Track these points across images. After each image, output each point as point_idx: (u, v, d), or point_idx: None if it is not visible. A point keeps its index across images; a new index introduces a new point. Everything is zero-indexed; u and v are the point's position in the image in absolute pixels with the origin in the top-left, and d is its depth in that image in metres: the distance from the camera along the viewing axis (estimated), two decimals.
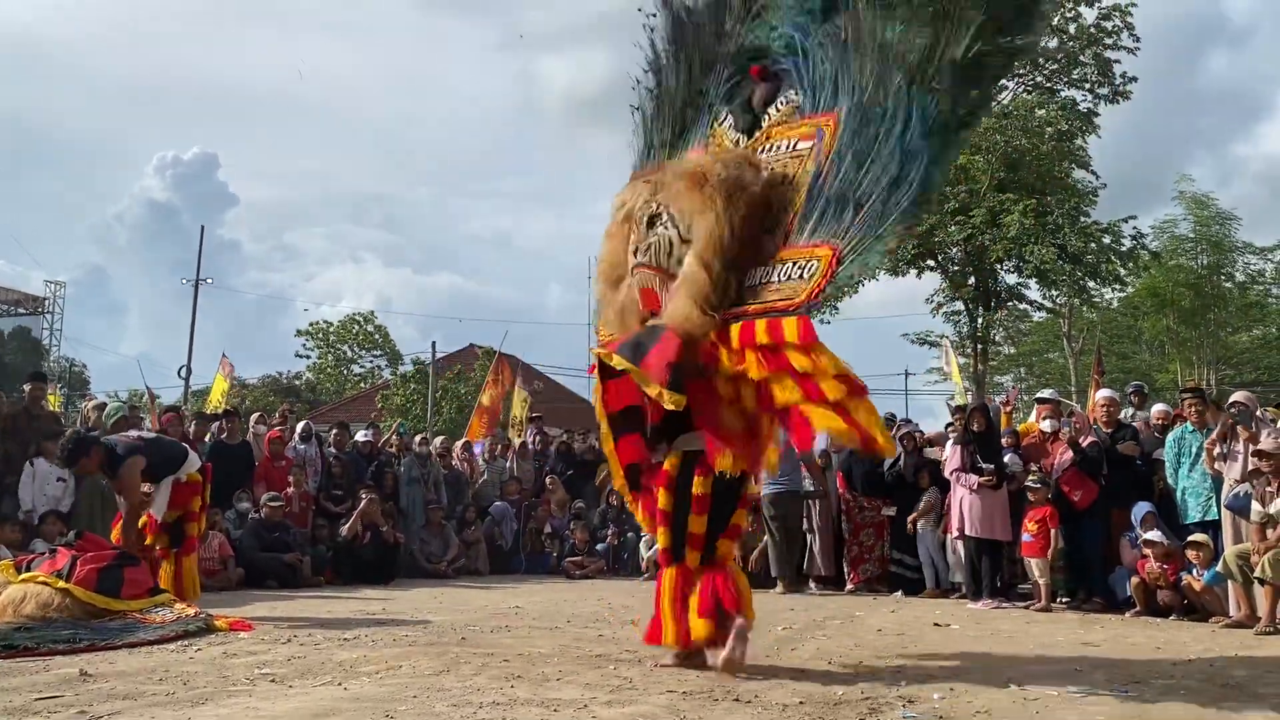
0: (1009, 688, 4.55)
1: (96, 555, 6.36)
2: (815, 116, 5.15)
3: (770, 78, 5.53)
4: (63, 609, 5.98)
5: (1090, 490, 8.68)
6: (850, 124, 4.89)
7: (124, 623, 5.98)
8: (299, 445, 11.56)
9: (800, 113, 5.28)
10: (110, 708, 3.85)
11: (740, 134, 5.55)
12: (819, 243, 4.70)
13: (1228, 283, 28.90)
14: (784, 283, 4.72)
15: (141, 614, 6.13)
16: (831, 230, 4.69)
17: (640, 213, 5.13)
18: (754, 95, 5.58)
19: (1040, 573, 8.59)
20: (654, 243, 5.01)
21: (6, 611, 5.92)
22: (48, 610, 5.93)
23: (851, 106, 4.93)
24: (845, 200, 4.72)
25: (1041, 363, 35.67)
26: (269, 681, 4.44)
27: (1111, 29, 20.77)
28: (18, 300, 41.61)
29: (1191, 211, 27.99)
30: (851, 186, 4.73)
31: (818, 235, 4.72)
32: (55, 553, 6.48)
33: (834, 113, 5.03)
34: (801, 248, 4.76)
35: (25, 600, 5.97)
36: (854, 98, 4.94)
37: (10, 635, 5.40)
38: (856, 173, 4.75)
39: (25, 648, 5.19)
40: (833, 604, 8.78)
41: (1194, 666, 5.33)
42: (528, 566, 12.28)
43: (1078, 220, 19.85)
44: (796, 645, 5.95)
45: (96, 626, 5.83)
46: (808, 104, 5.25)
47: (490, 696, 4.10)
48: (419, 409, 33.15)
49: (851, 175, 4.75)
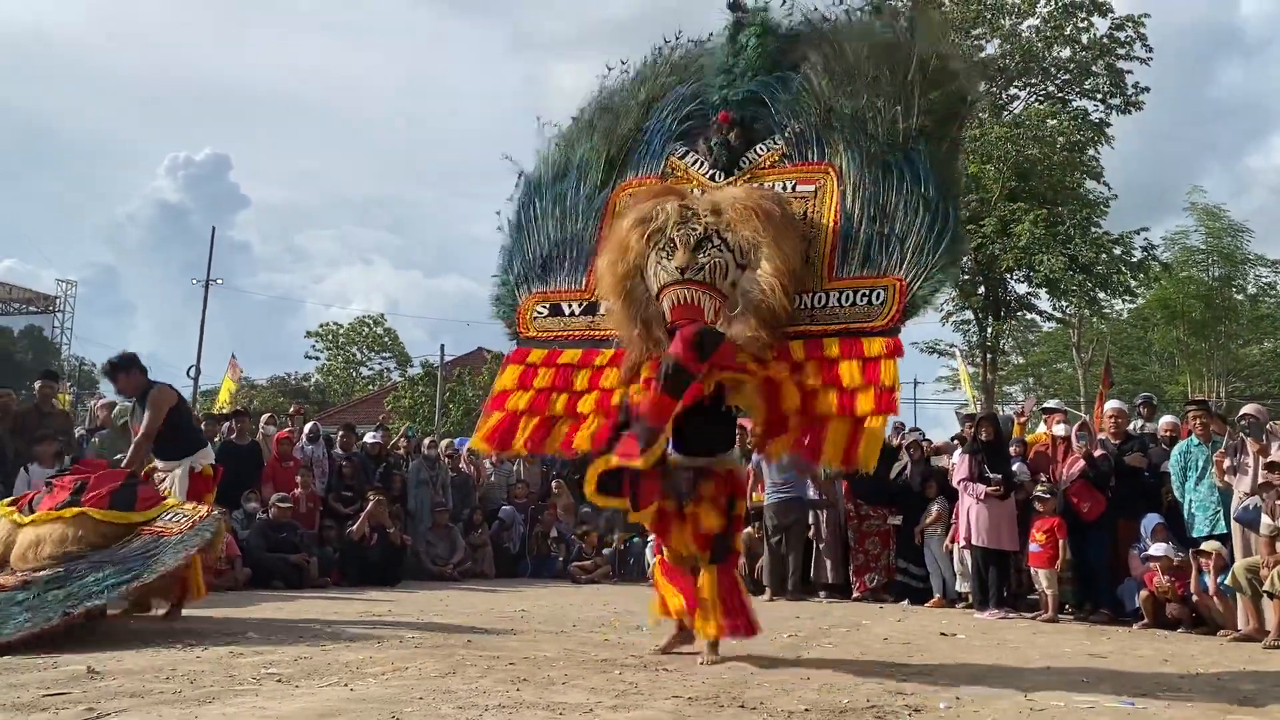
0: (1015, 698, 4.54)
1: (108, 475, 6.36)
2: (807, 165, 5.75)
3: (736, 124, 5.97)
4: (79, 540, 5.92)
5: (1099, 502, 8.66)
6: (857, 180, 5.51)
7: (144, 543, 5.95)
8: (307, 446, 11.58)
9: (788, 159, 5.84)
10: (117, 705, 3.87)
11: (718, 171, 5.96)
12: (878, 274, 5.30)
13: (1239, 295, 28.80)
14: (848, 307, 5.33)
15: (160, 524, 6.12)
16: (884, 264, 5.31)
17: (678, 231, 5.40)
18: (731, 137, 5.97)
19: (1048, 583, 8.57)
20: (707, 264, 5.33)
21: (26, 558, 5.86)
22: (65, 546, 5.87)
23: (851, 166, 5.55)
24: (887, 240, 5.33)
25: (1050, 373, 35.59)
26: (275, 681, 4.45)
27: (1124, 39, 20.77)
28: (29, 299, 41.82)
29: (1203, 223, 27.92)
30: (887, 230, 5.35)
31: (871, 268, 5.33)
32: (52, 486, 6.39)
33: (827, 164, 5.66)
34: (860, 279, 5.34)
35: (41, 543, 5.91)
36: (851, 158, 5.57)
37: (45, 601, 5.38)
38: (885, 218, 5.36)
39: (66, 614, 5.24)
40: (839, 612, 8.77)
41: (1202, 679, 5.32)
42: (533, 570, 12.28)
43: (1089, 230, 19.83)
44: (802, 653, 5.94)
45: (119, 557, 5.79)
46: (794, 153, 5.83)
47: (496, 699, 4.11)
48: (427, 411, 33.21)
49: (881, 221, 5.37)
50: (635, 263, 5.48)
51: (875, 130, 5.53)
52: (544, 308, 6.13)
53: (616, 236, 5.62)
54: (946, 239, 5.26)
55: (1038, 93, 21.66)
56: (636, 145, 6.25)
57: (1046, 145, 19.82)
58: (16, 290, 41.94)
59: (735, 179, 5.86)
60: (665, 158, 6.15)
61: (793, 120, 5.86)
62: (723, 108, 6.02)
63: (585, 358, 5.82)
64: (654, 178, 6.09)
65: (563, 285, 6.12)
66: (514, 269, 6.33)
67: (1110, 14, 20.74)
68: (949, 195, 5.45)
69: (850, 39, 5.80)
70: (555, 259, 6.19)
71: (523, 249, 6.33)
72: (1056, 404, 10.72)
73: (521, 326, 6.16)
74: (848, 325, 5.29)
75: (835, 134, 5.68)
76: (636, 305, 5.46)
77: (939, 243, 5.24)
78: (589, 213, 6.19)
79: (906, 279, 5.23)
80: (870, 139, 5.54)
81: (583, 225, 6.17)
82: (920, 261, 5.22)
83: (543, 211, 6.34)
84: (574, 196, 6.27)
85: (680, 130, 6.17)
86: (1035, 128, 20.10)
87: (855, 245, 5.39)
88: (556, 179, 6.38)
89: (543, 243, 6.26)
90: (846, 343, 5.21)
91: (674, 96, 6.27)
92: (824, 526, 10.40)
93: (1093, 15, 20.78)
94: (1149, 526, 8.20)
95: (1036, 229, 19.00)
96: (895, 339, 5.21)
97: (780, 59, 6.06)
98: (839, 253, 5.42)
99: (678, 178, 6.05)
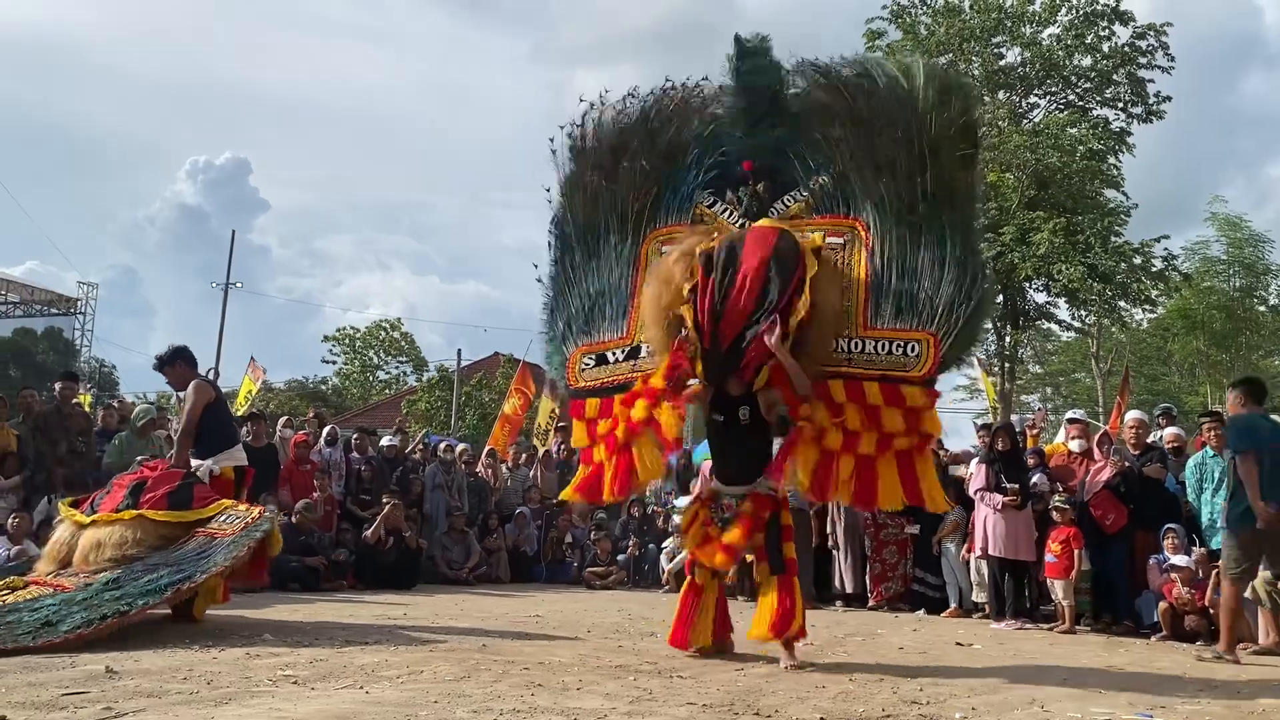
0: (1031, 708, 4.52)
1: (165, 476, 6.48)
2: (835, 218, 5.98)
3: (762, 174, 6.19)
4: (139, 542, 6.07)
5: (1121, 514, 8.58)
6: (884, 239, 5.74)
7: (198, 544, 6.07)
8: (325, 449, 11.63)
9: (816, 211, 6.08)
10: (135, 705, 3.89)
11: (748, 220, 6.13)
12: (910, 329, 5.58)
13: (1261, 306, 28.55)
14: (885, 355, 5.58)
15: (215, 525, 6.25)
16: (915, 320, 5.58)
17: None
18: (758, 187, 6.19)
19: (1063, 594, 8.51)
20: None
21: (88, 560, 5.99)
22: (124, 549, 6.02)
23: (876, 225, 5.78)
24: (915, 298, 5.60)
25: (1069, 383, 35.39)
26: (291, 683, 4.47)
27: (1146, 48, 20.67)
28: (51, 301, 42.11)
29: (1224, 233, 27.69)
30: (915, 288, 5.62)
31: (903, 322, 5.59)
32: (112, 488, 6.53)
33: (855, 219, 5.89)
34: (894, 331, 5.60)
35: (101, 546, 6.05)
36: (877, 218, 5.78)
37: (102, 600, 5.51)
38: (914, 278, 5.63)
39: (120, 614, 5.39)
40: (854, 621, 8.74)
41: (1220, 691, 5.27)
42: (548, 575, 12.28)
43: (1108, 240, 19.72)
44: (818, 661, 5.92)
45: (174, 559, 5.93)
46: (821, 205, 6.06)
47: (510, 704, 4.11)
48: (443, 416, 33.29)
49: (910, 279, 5.64)
50: (678, 294, 5.70)
51: (895, 191, 5.74)
52: (590, 359, 6.35)
53: (662, 270, 5.91)
54: (976, 297, 5.53)
55: (1058, 101, 21.60)
56: (662, 194, 6.41)
57: (1066, 154, 19.74)
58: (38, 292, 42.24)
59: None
60: (693, 205, 6.34)
61: (816, 173, 6.06)
62: (747, 157, 6.20)
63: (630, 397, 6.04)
64: (684, 225, 6.28)
65: (606, 336, 6.34)
66: (558, 326, 6.54)
67: (1132, 22, 20.64)
68: (972, 252, 5.72)
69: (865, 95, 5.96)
70: (596, 310, 6.40)
71: (565, 304, 6.51)
72: (1080, 414, 10.62)
73: (571, 379, 6.38)
74: (887, 372, 5.54)
75: (857, 191, 5.90)
76: (675, 334, 5.73)
77: (968, 299, 5.51)
78: (621, 262, 6.38)
79: (939, 335, 5.50)
80: (891, 199, 5.74)
81: (619, 275, 6.37)
82: (950, 319, 5.49)
83: (577, 266, 6.52)
84: (606, 249, 6.44)
85: (705, 180, 6.34)
86: (1055, 136, 20.02)
87: (887, 299, 5.64)
88: (587, 236, 6.52)
89: (582, 297, 6.46)
90: (888, 390, 5.49)
91: (695, 143, 6.40)
92: (841, 534, 10.36)
93: (1114, 24, 20.69)
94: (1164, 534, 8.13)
95: (1056, 238, 18.92)
96: (934, 390, 5.53)
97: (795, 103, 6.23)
98: (871, 304, 5.67)
99: (707, 225, 6.23)
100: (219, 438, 6.95)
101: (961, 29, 21.09)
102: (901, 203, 5.71)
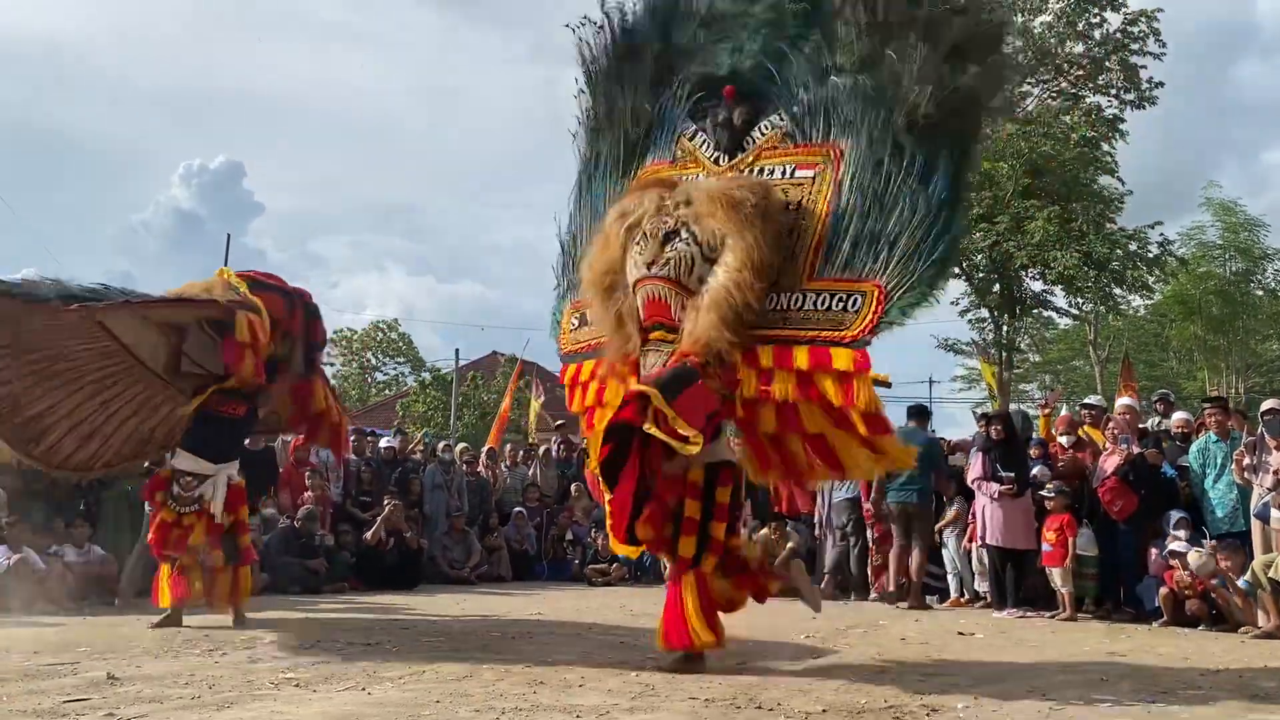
0: (1034, 697, 4.51)
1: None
2: (810, 146, 5.40)
3: (745, 99, 5.67)
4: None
5: (1130, 501, 8.50)
6: (861, 164, 5.15)
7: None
8: (322, 451, 11.60)
9: (791, 139, 5.50)
10: (136, 711, 3.90)
11: (721, 153, 5.68)
12: (858, 278, 4.94)
13: (1258, 290, 28.55)
14: (823, 312, 4.96)
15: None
16: (867, 267, 4.95)
17: (650, 225, 5.18)
18: (734, 115, 5.67)
19: (1062, 581, 8.51)
20: (673, 258, 5.08)
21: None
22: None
23: (859, 147, 5.17)
24: (876, 239, 4.97)
25: (1068, 371, 35.38)
26: (293, 686, 4.47)
27: (1137, 34, 20.64)
28: None
29: (1219, 218, 27.68)
30: (879, 226, 4.99)
31: (851, 270, 4.97)
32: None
33: (831, 145, 5.29)
34: (839, 281, 4.99)
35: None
36: (859, 139, 5.18)
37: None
38: (881, 213, 5.00)
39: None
40: (856, 613, 8.74)
41: (1223, 677, 5.28)
42: (549, 573, 12.28)
43: (1103, 227, 19.70)
44: (820, 653, 5.93)
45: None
46: (797, 132, 5.48)
47: (513, 702, 4.12)
48: (441, 416, 33.28)
49: (876, 215, 5.01)
50: (615, 256, 5.31)
51: (897, 103, 5.09)
52: (576, 319, 5.92)
53: (600, 231, 5.47)
54: (940, 248, 4.89)
55: (1050, 89, 21.53)
56: (654, 126, 5.98)
57: (1059, 141, 19.70)
58: None
59: (738, 161, 5.60)
60: (678, 137, 5.88)
61: (801, 91, 5.48)
62: (730, 80, 5.73)
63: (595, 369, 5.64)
64: (667, 161, 5.85)
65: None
66: (563, 283, 6.13)
67: (1124, 9, 20.61)
68: (957, 202, 5.09)
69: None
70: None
71: (570, 259, 6.08)
72: (1096, 400, 10.56)
73: (562, 342, 5.97)
74: (818, 334, 4.92)
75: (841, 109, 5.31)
76: (614, 300, 5.32)
77: (932, 251, 4.87)
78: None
79: (887, 286, 4.87)
80: (889, 112, 5.11)
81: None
82: (906, 270, 4.86)
83: (581, 211, 6.13)
84: (603, 191, 6.01)
85: (691, 107, 5.87)
86: (1048, 124, 19.99)
87: (841, 240, 5.05)
88: (591, 174, 6.14)
89: (580, 246, 5.96)
90: (815, 353, 4.86)
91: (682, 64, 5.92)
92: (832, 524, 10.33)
93: (1105, 10, 20.65)
94: (1173, 520, 8.11)
95: (1050, 226, 18.89)
96: (863, 352, 4.82)
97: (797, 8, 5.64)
98: (823, 249, 5.09)
99: (686, 160, 5.80)
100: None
101: None
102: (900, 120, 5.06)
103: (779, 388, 4.90)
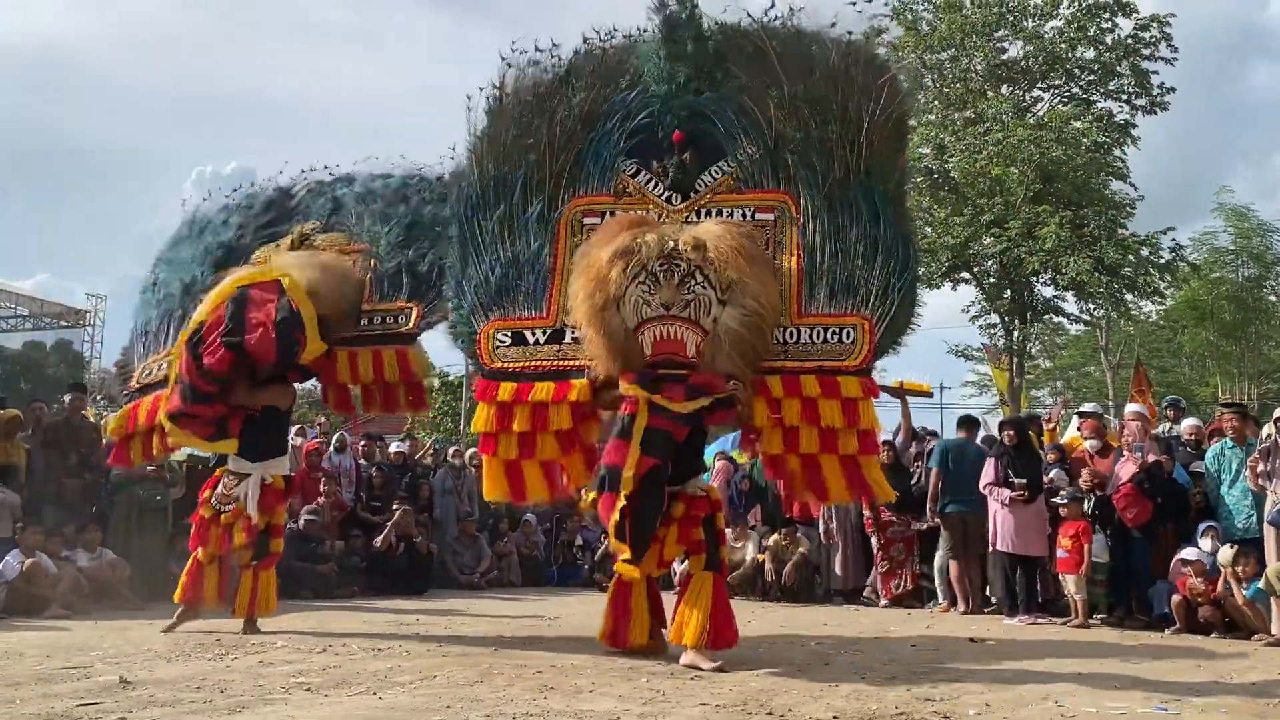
0: (1046, 704, 4.50)
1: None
2: (763, 193, 5.90)
3: (691, 144, 6.07)
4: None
5: (1145, 509, 8.45)
6: (819, 213, 5.71)
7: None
8: (334, 456, 11.64)
9: (744, 185, 5.98)
10: (149, 715, 3.91)
11: (671, 191, 6.05)
12: (844, 313, 5.53)
13: (1271, 295, 28.41)
14: (820, 345, 5.51)
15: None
16: (849, 303, 5.53)
17: (658, 267, 5.49)
18: (686, 158, 6.05)
19: (1076, 588, 8.47)
20: (693, 300, 5.46)
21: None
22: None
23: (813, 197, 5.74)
24: (852, 282, 5.55)
25: (1079, 377, 35.26)
26: (304, 690, 4.48)
27: (1149, 40, 20.59)
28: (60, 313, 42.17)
29: (1231, 223, 27.56)
30: (849, 270, 5.57)
31: (836, 306, 5.54)
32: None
33: (784, 192, 5.85)
34: (828, 316, 5.55)
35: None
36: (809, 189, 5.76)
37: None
38: (846, 258, 5.58)
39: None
40: (866, 619, 8.72)
41: (1235, 684, 5.25)
42: (559, 578, 12.28)
43: (1114, 232, 19.63)
44: (830, 660, 5.91)
45: None
46: (749, 178, 5.97)
47: (523, 707, 4.12)
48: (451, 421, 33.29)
49: (843, 260, 5.59)
50: (614, 294, 5.47)
51: (826, 164, 5.71)
52: (506, 335, 5.93)
53: (595, 267, 5.55)
54: (907, 281, 5.51)
55: (1061, 94, 21.49)
56: (582, 158, 6.16)
57: (1071, 147, 19.64)
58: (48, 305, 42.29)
59: (692, 203, 5.97)
60: (616, 175, 6.13)
61: (744, 143, 5.97)
62: (676, 126, 6.08)
63: (559, 392, 5.68)
64: (607, 196, 6.10)
65: (523, 312, 5.93)
66: (466, 294, 6.10)
67: (1135, 14, 20.57)
68: (904, 236, 5.68)
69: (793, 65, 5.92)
70: (509, 281, 6.00)
71: (473, 271, 6.11)
72: (1093, 408, 10.55)
73: (485, 357, 5.93)
74: (823, 363, 5.44)
75: (787, 163, 5.84)
76: (614, 338, 5.48)
77: (900, 284, 5.48)
78: (540, 233, 6.04)
79: (873, 319, 5.45)
80: (822, 173, 5.71)
81: (537, 245, 6.02)
82: (885, 302, 5.44)
83: (487, 230, 6.13)
84: (520, 215, 6.10)
85: (629, 146, 6.14)
86: (1059, 129, 19.94)
87: (821, 280, 5.58)
88: (498, 194, 6.17)
89: (493, 264, 6.05)
90: (825, 382, 5.37)
91: (618, 105, 6.19)
92: (834, 529, 10.26)
93: (1117, 16, 20.61)
94: (1201, 529, 8.04)
95: (1062, 231, 18.82)
96: (870, 379, 5.43)
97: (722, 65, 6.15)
98: (805, 287, 5.61)
99: (631, 197, 6.07)
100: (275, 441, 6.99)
101: (963, 24, 21.01)
102: (834, 178, 5.69)
103: (788, 414, 5.38)
